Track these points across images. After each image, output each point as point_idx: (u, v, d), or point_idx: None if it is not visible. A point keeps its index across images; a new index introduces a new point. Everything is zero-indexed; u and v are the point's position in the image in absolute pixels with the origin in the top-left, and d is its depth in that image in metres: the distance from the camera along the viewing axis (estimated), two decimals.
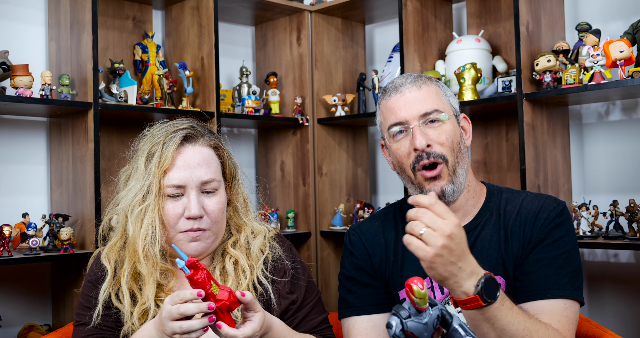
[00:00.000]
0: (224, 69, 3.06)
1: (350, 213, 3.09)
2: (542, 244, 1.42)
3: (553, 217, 1.44)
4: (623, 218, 2.23)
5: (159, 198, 1.44)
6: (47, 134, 2.52)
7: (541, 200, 1.49)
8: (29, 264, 2.42)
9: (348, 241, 1.63)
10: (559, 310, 1.36)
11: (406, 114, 1.45)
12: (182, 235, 1.45)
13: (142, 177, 1.45)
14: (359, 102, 3.01)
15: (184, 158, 1.46)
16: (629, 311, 2.41)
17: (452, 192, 1.46)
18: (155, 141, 1.48)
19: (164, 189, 1.44)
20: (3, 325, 2.31)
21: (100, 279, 1.48)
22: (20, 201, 2.44)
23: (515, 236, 1.45)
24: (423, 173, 1.45)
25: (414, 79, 1.51)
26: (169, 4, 2.82)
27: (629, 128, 2.44)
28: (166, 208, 1.44)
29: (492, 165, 2.75)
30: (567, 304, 1.37)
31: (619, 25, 2.44)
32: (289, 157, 3.06)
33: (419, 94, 1.47)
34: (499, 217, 1.50)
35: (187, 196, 1.44)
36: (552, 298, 1.37)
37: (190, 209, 1.43)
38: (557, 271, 1.39)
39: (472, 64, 2.47)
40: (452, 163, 1.45)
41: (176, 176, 1.44)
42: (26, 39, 2.49)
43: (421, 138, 1.43)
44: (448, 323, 1.06)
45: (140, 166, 1.47)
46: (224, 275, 1.49)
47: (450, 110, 1.50)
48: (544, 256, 1.41)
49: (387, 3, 2.90)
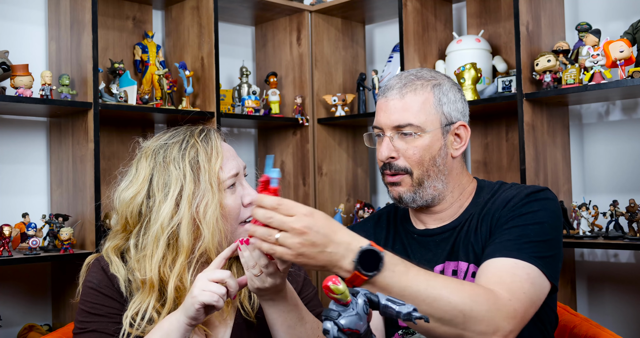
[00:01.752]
0: (224, 69, 3.06)
1: (350, 213, 3.09)
2: (508, 220, 1.37)
3: (525, 196, 1.39)
4: (623, 218, 2.23)
5: (219, 194, 1.37)
6: (47, 134, 2.52)
7: (521, 188, 1.44)
8: (29, 264, 2.42)
9: None
10: (504, 268, 1.24)
11: (382, 121, 1.46)
12: (242, 228, 1.40)
13: (190, 178, 1.37)
14: (359, 102, 3.01)
15: (226, 148, 1.44)
16: (629, 311, 2.41)
17: (411, 200, 1.45)
18: (189, 144, 1.41)
19: (224, 182, 1.38)
20: (3, 325, 2.31)
21: (115, 291, 1.37)
22: (20, 201, 2.44)
23: (487, 220, 1.41)
24: (385, 177, 1.48)
25: (404, 84, 1.46)
26: (169, 4, 2.82)
27: (629, 128, 2.44)
28: (226, 202, 1.38)
29: (492, 165, 2.75)
30: (518, 264, 1.25)
31: (619, 25, 2.44)
32: (289, 157, 3.06)
33: (398, 103, 1.44)
34: (482, 208, 1.46)
35: (240, 184, 1.42)
36: (499, 257, 1.27)
37: (251, 193, 1.40)
38: (516, 238, 1.30)
39: (472, 64, 2.47)
40: (417, 176, 1.44)
41: (232, 165, 1.41)
42: (26, 39, 2.49)
43: (384, 150, 1.44)
44: (376, 303, 1.05)
45: (182, 170, 1.37)
46: (238, 270, 1.46)
47: (436, 121, 1.45)
48: (506, 227, 1.35)
49: (387, 3, 2.90)
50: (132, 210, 1.38)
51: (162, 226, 1.34)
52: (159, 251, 1.34)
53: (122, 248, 1.42)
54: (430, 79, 1.48)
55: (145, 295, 1.34)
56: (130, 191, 1.39)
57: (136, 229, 1.39)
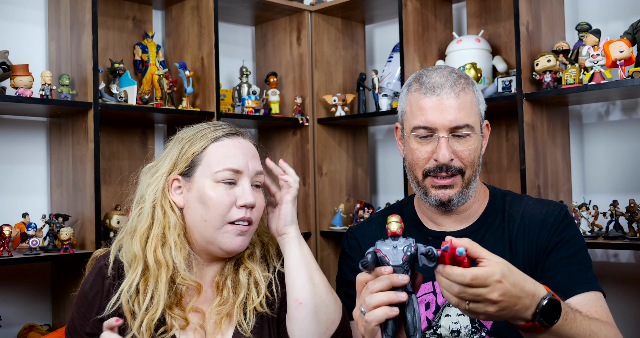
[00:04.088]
0: (224, 69, 3.06)
1: (350, 213, 3.09)
2: (557, 246, 1.42)
3: (560, 219, 1.45)
4: (623, 218, 2.23)
5: (165, 177, 1.43)
6: (47, 134, 2.52)
7: (544, 206, 1.49)
8: (29, 264, 2.42)
9: (346, 245, 1.62)
10: (593, 302, 1.36)
11: (437, 121, 1.40)
12: (232, 227, 1.38)
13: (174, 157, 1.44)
14: (359, 102, 3.01)
15: (241, 146, 1.44)
16: (629, 311, 2.41)
17: (457, 202, 1.45)
18: (200, 135, 1.45)
19: (216, 173, 1.39)
20: (3, 325, 2.31)
21: (105, 297, 1.41)
22: (20, 201, 2.44)
23: (520, 242, 1.45)
24: (433, 180, 1.43)
25: (454, 82, 1.42)
26: (169, 4, 2.82)
27: (629, 128, 2.44)
28: (210, 193, 1.38)
29: (492, 165, 2.75)
30: (597, 295, 1.38)
31: (619, 25, 2.44)
32: (289, 157, 3.06)
33: (455, 103, 1.40)
34: (502, 220, 1.49)
35: (240, 184, 1.40)
36: (582, 293, 1.36)
37: (247, 198, 1.38)
38: (578, 267, 1.40)
39: (472, 64, 2.47)
40: (468, 177, 1.44)
41: (234, 160, 1.40)
42: (26, 39, 2.49)
43: (446, 152, 1.39)
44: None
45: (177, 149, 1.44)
46: (235, 286, 1.44)
47: (479, 122, 1.46)
48: (562, 255, 1.41)
49: (387, 3, 2.90)
50: (143, 182, 1.46)
51: (147, 196, 1.43)
52: (142, 223, 1.41)
53: None
54: (466, 77, 1.47)
55: (133, 266, 1.39)
56: (150, 164, 1.49)
57: (137, 200, 1.46)
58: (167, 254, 1.38)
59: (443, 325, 1.43)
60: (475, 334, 1.41)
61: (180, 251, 1.38)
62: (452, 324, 1.42)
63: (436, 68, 1.48)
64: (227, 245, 1.39)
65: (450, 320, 1.43)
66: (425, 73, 1.46)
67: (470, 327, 1.41)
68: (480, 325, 1.42)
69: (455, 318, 1.42)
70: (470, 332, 1.42)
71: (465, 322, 1.42)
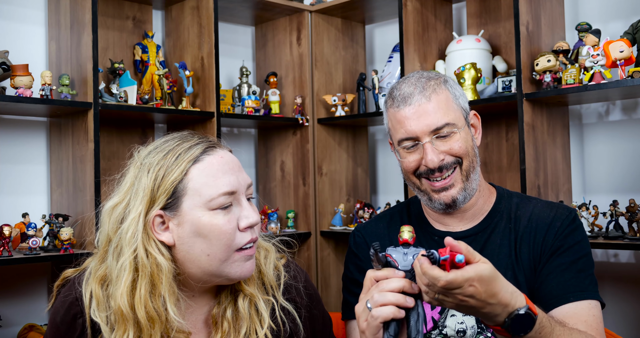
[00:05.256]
0: (224, 69, 3.06)
1: (350, 213, 3.09)
2: (559, 251, 1.42)
3: (567, 224, 1.45)
4: (623, 218, 2.23)
5: (144, 206, 1.19)
6: (47, 134, 2.52)
7: (553, 209, 1.49)
8: (29, 264, 2.42)
9: (353, 243, 1.62)
10: (584, 312, 1.35)
11: (417, 129, 1.42)
12: (239, 255, 1.21)
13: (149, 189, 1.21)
14: (359, 102, 3.01)
15: (225, 161, 1.22)
16: (629, 311, 2.41)
17: (463, 199, 1.45)
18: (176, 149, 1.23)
19: (212, 201, 1.18)
20: (3, 325, 2.31)
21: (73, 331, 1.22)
22: (20, 201, 2.44)
23: (525, 243, 1.45)
24: (431, 184, 1.45)
25: (423, 87, 1.44)
26: (169, 4, 2.82)
27: (629, 128, 2.44)
28: (214, 222, 1.18)
29: (492, 165, 2.75)
30: (591, 304, 1.37)
31: (619, 25, 2.44)
32: (289, 157, 3.06)
33: (429, 106, 1.42)
34: (509, 221, 1.49)
35: (237, 204, 1.22)
36: (575, 301, 1.36)
37: (249, 216, 1.21)
38: (576, 274, 1.39)
39: (472, 64, 2.47)
40: (466, 167, 1.44)
41: (226, 181, 1.20)
42: (26, 39, 2.49)
43: (433, 157, 1.41)
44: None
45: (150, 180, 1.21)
46: (236, 319, 1.27)
47: (461, 115, 1.46)
48: (562, 261, 1.41)
49: (387, 3, 2.90)
50: (112, 223, 1.22)
51: (125, 243, 1.18)
52: (125, 274, 1.17)
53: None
54: (436, 77, 1.49)
55: (121, 328, 1.17)
56: (112, 201, 1.25)
57: (112, 247, 1.21)
58: (160, 305, 1.16)
59: (449, 325, 1.43)
60: (480, 334, 1.41)
61: (172, 297, 1.18)
62: (458, 324, 1.42)
63: (405, 78, 1.51)
64: (237, 274, 1.22)
65: (456, 320, 1.43)
66: (396, 86, 1.49)
67: (475, 327, 1.41)
68: (486, 326, 1.42)
69: (461, 318, 1.42)
70: (475, 333, 1.41)
71: (471, 323, 1.42)
